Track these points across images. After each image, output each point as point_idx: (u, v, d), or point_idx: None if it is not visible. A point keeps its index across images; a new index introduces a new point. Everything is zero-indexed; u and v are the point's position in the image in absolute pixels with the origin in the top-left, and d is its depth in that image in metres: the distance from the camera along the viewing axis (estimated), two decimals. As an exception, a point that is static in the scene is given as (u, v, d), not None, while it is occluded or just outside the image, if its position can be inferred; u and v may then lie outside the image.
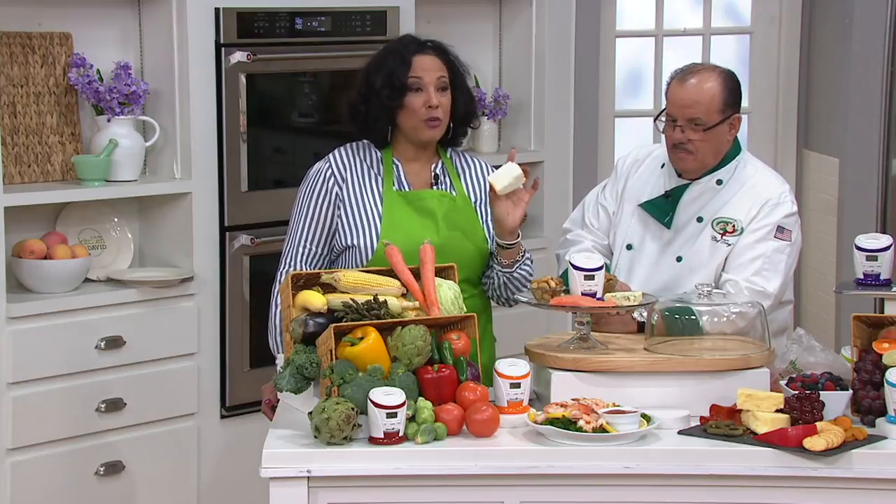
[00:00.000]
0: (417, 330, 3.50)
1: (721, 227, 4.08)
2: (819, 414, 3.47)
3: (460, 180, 4.10)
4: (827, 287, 6.03)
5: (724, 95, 4.01)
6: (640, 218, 4.17)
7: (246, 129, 4.97)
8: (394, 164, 4.04)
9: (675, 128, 4.00)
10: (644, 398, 3.61)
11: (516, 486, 3.42)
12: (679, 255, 4.09)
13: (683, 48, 6.36)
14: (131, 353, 4.75)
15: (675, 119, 4.01)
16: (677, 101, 4.00)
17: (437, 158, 4.10)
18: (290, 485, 3.37)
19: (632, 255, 4.13)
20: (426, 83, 3.96)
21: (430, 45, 4.03)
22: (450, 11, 5.72)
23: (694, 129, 3.99)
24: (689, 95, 3.98)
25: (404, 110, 3.97)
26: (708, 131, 4.00)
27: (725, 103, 4.01)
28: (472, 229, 4.04)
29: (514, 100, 5.80)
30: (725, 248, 4.07)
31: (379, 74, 3.97)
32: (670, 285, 4.07)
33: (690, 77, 4.01)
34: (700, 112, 3.98)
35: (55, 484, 4.62)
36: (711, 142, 4.02)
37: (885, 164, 5.99)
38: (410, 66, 3.96)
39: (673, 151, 4.06)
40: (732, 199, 4.09)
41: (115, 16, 4.92)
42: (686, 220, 4.11)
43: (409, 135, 4.01)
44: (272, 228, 4.98)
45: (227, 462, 5.00)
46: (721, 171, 4.11)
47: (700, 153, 4.03)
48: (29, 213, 4.69)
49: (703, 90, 3.99)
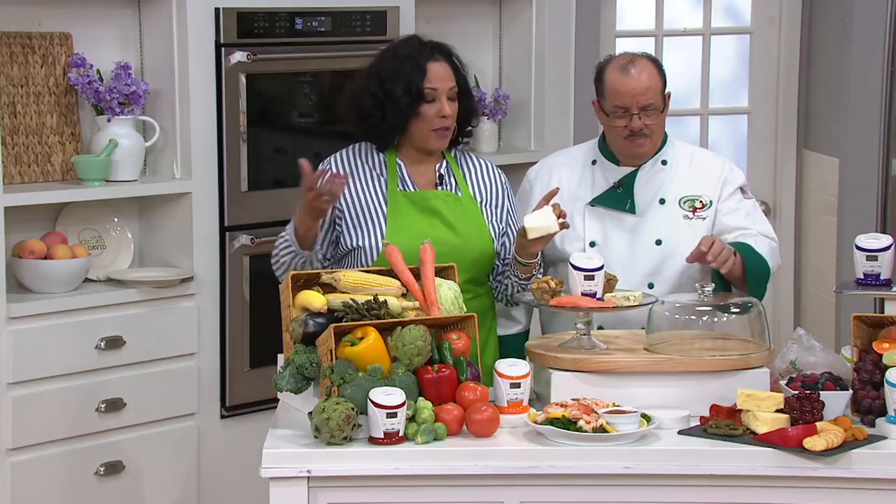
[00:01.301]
0: (417, 330, 3.50)
1: (689, 206, 4.20)
2: (819, 414, 3.47)
3: (465, 181, 4.11)
4: (827, 287, 6.03)
5: (661, 76, 4.16)
6: (593, 215, 4.20)
7: (246, 129, 4.97)
8: (397, 164, 4.04)
9: (631, 117, 4.12)
10: (644, 398, 3.62)
11: (516, 486, 3.42)
12: (658, 239, 4.14)
13: (683, 48, 6.36)
14: (131, 353, 4.75)
15: (627, 109, 4.11)
16: (628, 91, 4.11)
17: (441, 159, 4.10)
18: (290, 485, 3.37)
19: (598, 251, 4.14)
20: (440, 93, 3.97)
21: (439, 51, 4.04)
22: (450, 11, 5.72)
23: (648, 114, 4.11)
24: (640, 84, 4.11)
25: (418, 119, 3.97)
26: (662, 113, 4.15)
27: (663, 84, 4.17)
28: (478, 229, 4.04)
29: (514, 100, 5.80)
30: (702, 223, 4.17)
31: (397, 81, 3.96)
32: (656, 268, 4.13)
33: (631, 67, 4.13)
34: (651, 97, 4.11)
35: (55, 484, 4.62)
36: (661, 123, 4.19)
37: (885, 164, 5.99)
38: (426, 74, 3.97)
39: (629, 140, 4.15)
40: (686, 176, 4.22)
41: (115, 16, 4.92)
42: (646, 204, 4.19)
43: (417, 141, 4.02)
44: (272, 228, 4.97)
45: (227, 462, 5.00)
46: (661, 152, 4.24)
47: (655, 134, 4.17)
48: (29, 213, 4.69)
49: (649, 76, 4.12)
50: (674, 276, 4.11)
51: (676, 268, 4.10)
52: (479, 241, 4.02)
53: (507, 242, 4.10)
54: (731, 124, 6.51)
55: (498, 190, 4.14)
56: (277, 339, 3.82)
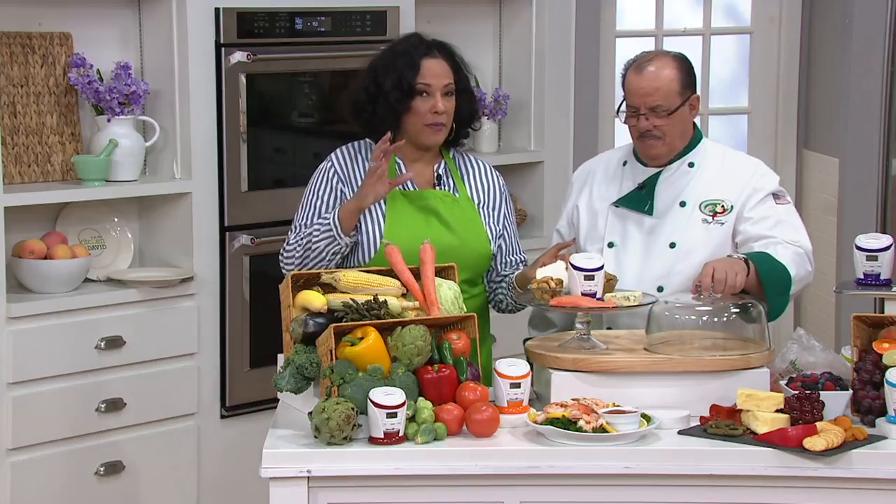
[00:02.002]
0: (417, 330, 3.50)
1: (710, 210, 4.10)
2: (819, 414, 3.47)
3: (463, 182, 4.11)
4: (827, 287, 6.03)
5: (681, 78, 4.06)
6: (615, 215, 4.16)
7: (246, 129, 4.97)
8: (396, 163, 4.04)
9: (638, 118, 4.05)
10: (644, 398, 3.61)
11: (516, 486, 3.42)
12: (672, 242, 4.09)
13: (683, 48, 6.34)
14: (131, 353, 4.75)
15: (637, 109, 4.05)
16: (637, 90, 4.05)
17: (439, 159, 4.10)
18: (290, 485, 3.37)
19: (616, 251, 4.12)
20: (434, 89, 3.97)
21: (438, 48, 4.04)
22: (450, 11, 5.72)
23: (658, 115, 4.04)
24: (649, 83, 4.03)
25: (410, 113, 3.98)
26: (671, 115, 4.04)
27: (683, 85, 4.06)
28: (475, 230, 4.04)
29: (514, 100, 5.80)
30: (719, 229, 4.08)
31: (388, 76, 3.98)
32: (666, 271, 4.06)
33: (646, 66, 4.06)
34: (660, 98, 4.03)
35: (55, 484, 4.62)
36: (676, 125, 4.07)
37: (885, 164, 5.99)
38: (419, 70, 3.97)
39: (641, 141, 4.10)
40: (713, 180, 4.12)
41: (115, 16, 4.92)
42: (666, 206, 4.12)
43: (412, 137, 4.01)
44: (272, 228, 4.98)
45: (227, 462, 5.00)
46: (690, 154, 4.14)
47: (668, 136, 4.07)
48: (29, 213, 4.69)
49: (660, 77, 4.03)
50: (684, 280, 4.00)
51: (687, 272, 4.00)
52: (476, 243, 4.02)
53: (504, 245, 4.11)
54: (731, 124, 6.51)
55: (496, 192, 4.14)
56: (277, 339, 3.82)
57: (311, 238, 3.93)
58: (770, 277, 3.91)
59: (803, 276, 4.00)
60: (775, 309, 3.92)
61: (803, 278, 4.01)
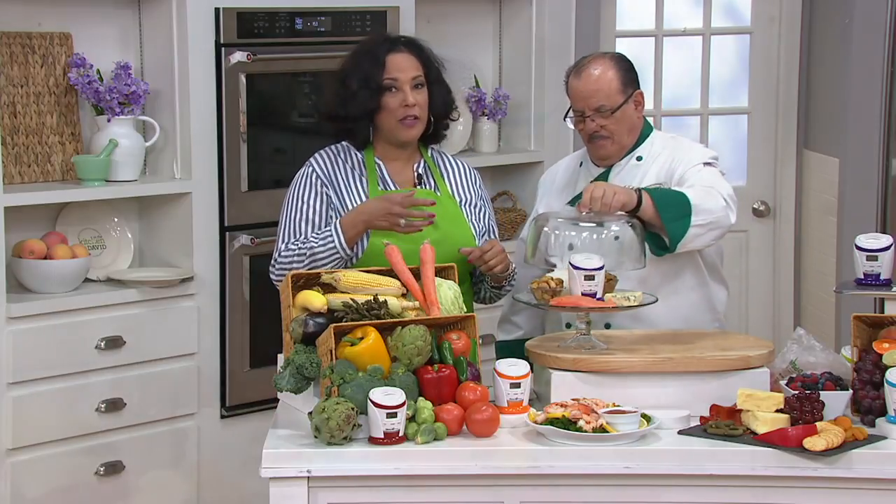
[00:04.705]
0: (417, 330, 3.50)
1: None
2: (819, 414, 3.47)
3: (444, 180, 4.12)
4: (827, 287, 6.03)
5: (620, 76, 4.12)
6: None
7: (246, 129, 4.97)
8: (376, 164, 4.05)
9: (585, 120, 4.12)
10: (644, 398, 3.62)
11: (516, 486, 3.42)
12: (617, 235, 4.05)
13: (683, 48, 6.36)
14: (131, 353, 4.75)
15: (582, 112, 4.12)
16: (579, 94, 4.12)
17: (418, 157, 4.11)
18: (290, 485, 3.37)
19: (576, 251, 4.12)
20: (401, 83, 3.97)
21: (403, 42, 4.05)
22: (450, 11, 5.72)
23: (602, 115, 4.10)
24: (589, 86, 4.10)
25: (382, 111, 3.99)
26: (615, 113, 4.11)
27: (623, 83, 4.12)
28: (459, 228, 4.05)
29: (514, 100, 5.80)
30: None
31: (355, 76, 3.99)
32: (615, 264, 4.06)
33: (585, 69, 4.13)
34: (602, 98, 4.09)
35: (55, 484, 4.62)
36: (622, 123, 4.14)
37: (885, 164, 5.99)
38: (385, 66, 3.98)
39: (591, 143, 4.17)
40: (661, 168, 4.16)
41: (115, 16, 4.92)
42: None
43: (387, 135, 4.03)
44: (272, 228, 4.95)
45: (227, 462, 4.99)
46: (639, 148, 4.21)
47: (616, 135, 4.14)
48: (29, 213, 4.69)
49: (600, 78, 4.10)
50: None
51: None
52: (461, 240, 4.02)
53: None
54: (731, 124, 6.51)
55: (475, 192, 4.16)
56: (277, 339, 3.83)
57: (315, 257, 3.93)
58: (664, 202, 3.89)
59: (713, 207, 3.92)
60: (674, 234, 3.89)
61: (713, 210, 3.92)
